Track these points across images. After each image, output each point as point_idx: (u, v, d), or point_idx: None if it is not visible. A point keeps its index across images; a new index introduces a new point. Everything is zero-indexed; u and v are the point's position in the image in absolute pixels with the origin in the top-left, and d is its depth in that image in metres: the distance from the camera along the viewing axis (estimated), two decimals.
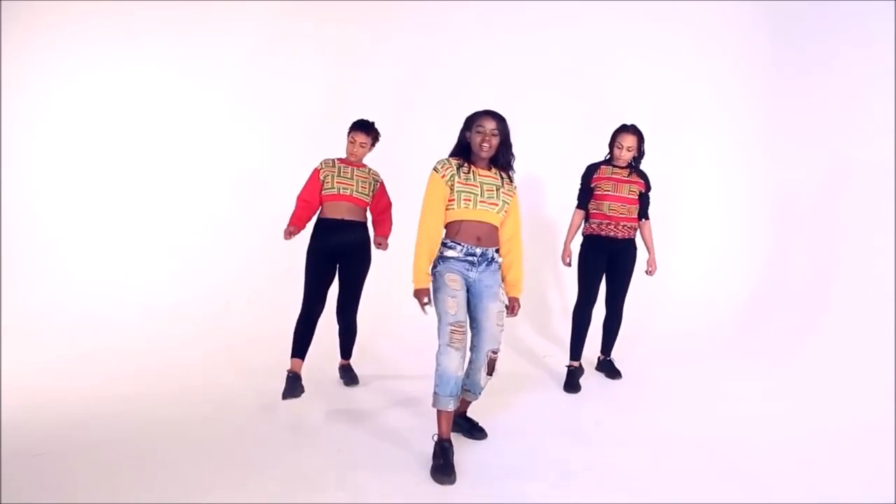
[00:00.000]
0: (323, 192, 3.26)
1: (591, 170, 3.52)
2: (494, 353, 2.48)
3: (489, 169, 2.51)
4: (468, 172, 2.45)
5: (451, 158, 2.49)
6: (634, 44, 4.88)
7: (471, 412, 2.75)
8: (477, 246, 2.45)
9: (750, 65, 4.80)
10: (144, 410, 2.92)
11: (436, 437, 2.39)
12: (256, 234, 4.80)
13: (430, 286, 2.45)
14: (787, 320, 4.16)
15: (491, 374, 2.51)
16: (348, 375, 3.45)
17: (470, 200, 2.43)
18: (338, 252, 3.24)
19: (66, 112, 4.95)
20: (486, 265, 2.48)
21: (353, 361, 3.51)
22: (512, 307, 2.57)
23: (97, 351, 3.88)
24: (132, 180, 4.97)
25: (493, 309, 2.46)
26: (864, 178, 4.01)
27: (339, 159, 3.33)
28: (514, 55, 4.97)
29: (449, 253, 2.45)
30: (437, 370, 2.36)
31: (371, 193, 3.33)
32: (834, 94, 4.24)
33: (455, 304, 2.37)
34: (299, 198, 3.29)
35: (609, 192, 3.43)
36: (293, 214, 3.27)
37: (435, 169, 2.46)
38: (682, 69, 4.86)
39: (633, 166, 3.49)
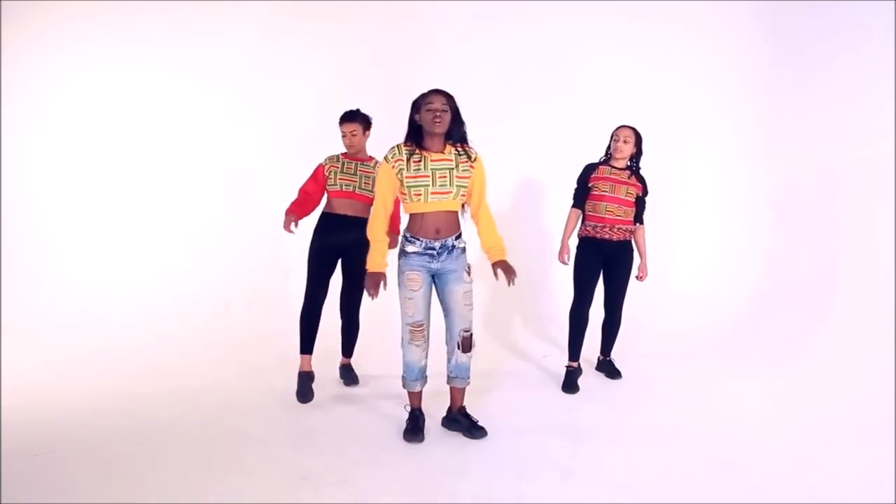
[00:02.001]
0: (328, 187, 3.27)
1: (590, 169, 3.50)
2: (466, 331, 2.59)
3: (443, 150, 2.51)
4: (419, 161, 2.46)
5: (401, 145, 2.50)
6: (634, 43, 4.87)
7: (471, 411, 2.75)
8: (436, 239, 2.50)
9: (750, 65, 4.79)
10: (144, 410, 2.92)
11: (408, 407, 2.66)
12: (256, 234, 4.81)
13: (393, 273, 2.56)
14: (787, 320, 4.16)
15: (468, 351, 2.61)
16: (348, 376, 3.45)
17: (420, 194, 2.46)
18: (341, 248, 3.24)
19: (66, 112, 4.94)
20: (448, 253, 2.53)
21: (353, 361, 3.51)
22: (505, 270, 2.56)
23: (97, 351, 3.88)
24: (132, 180, 4.96)
25: (458, 291, 2.56)
26: (864, 178, 4.01)
27: (342, 154, 3.32)
28: (513, 55, 4.97)
29: (409, 248, 2.52)
30: (403, 360, 2.60)
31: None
32: (834, 93, 4.24)
33: (412, 306, 2.52)
34: (301, 189, 3.30)
35: (606, 193, 3.40)
36: (293, 202, 3.27)
37: (385, 158, 2.50)
38: (682, 69, 4.86)
39: (633, 168, 3.48)
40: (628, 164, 3.45)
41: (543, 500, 2.18)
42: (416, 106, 2.49)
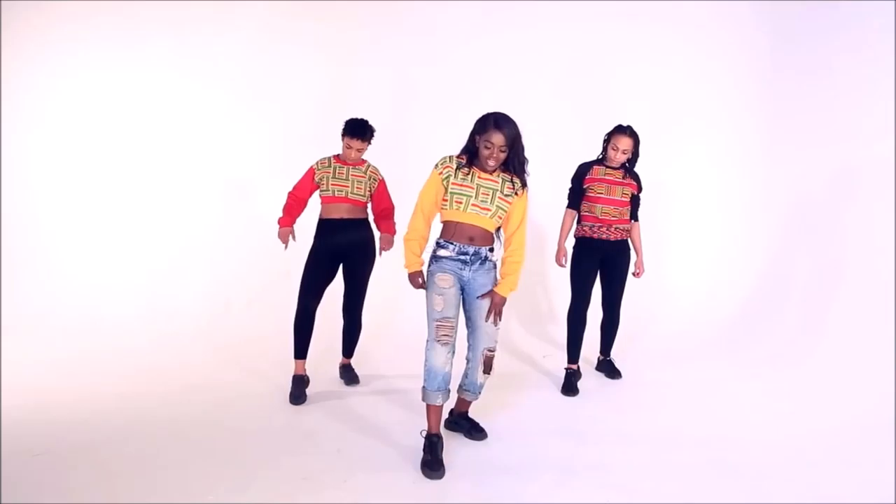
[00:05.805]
0: (320, 193, 3.26)
1: (584, 169, 3.44)
2: (491, 351, 2.52)
3: (493, 172, 2.45)
4: (467, 174, 2.43)
5: (455, 157, 2.46)
6: (634, 43, 4.88)
7: (471, 411, 2.75)
8: (469, 245, 2.45)
9: (750, 65, 4.80)
10: (144, 410, 2.92)
11: (424, 433, 2.42)
12: (256, 235, 4.80)
13: (425, 274, 2.48)
14: (787, 320, 4.16)
15: (488, 373, 2.55)
16: (349, 375, 3.45)
17: (461, 203, 2.42)
18: (341, 251, 3.24)
19: (66, 112, 4.94)
20: (480, 264, 2.48)
21: (353, 361, 3.51)
22: (495, 305, 2.46)
23: (97, 351, 3.88)
24: (132, 180, 4.96)
25: (486, 307, 2.47)
26: (864, 178, 4.01)
27: (335, 157, 3.30)
28: (513, 55, 4.97)
29: (442, 252, 2.47)
30: (425, 365, 2.41)
31: (369, 192, 3.29)
32: (834, 94, 4.24)
33: (442, 301, 2.40)
34: (290, 193, 3.30)
35: (602, 195, 3.37)
36: (283, 210, 3.27)
37: (436, 165, 2.47)
38: (682, 69, 4.86)
39: (627, 167, 3.45)
40: (623, 163, 3.42)
41: (543, 500, 2.18)
42: (479, 129, 2.36)
